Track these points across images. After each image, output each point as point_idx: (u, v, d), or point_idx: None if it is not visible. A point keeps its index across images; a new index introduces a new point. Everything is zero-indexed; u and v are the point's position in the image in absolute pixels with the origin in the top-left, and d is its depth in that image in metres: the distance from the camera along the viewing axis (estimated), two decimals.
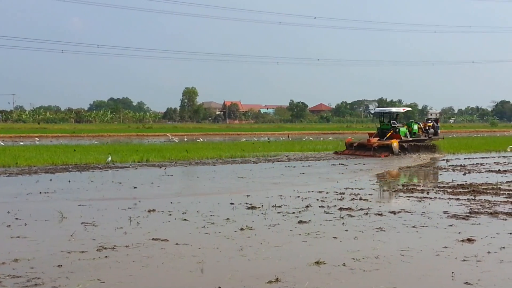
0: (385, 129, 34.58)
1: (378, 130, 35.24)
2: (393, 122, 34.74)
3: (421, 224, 11.20)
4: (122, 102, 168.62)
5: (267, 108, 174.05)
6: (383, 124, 35.16)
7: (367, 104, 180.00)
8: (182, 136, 63.35)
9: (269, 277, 7.60)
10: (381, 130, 34.81)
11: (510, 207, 13.04)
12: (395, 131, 33.88)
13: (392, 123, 34.65)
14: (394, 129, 34.04)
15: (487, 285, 7.30)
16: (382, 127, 35.05)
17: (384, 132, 34.20)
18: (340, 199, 14.54)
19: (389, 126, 34.46)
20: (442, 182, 18.27)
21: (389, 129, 34.12)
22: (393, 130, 33.97)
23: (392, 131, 33.90)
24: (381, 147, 32.26)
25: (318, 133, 78.86)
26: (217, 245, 9.50)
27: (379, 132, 34.70)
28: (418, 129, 35.17)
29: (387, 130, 34.21)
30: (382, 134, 34.19)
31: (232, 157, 29.54)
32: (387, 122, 35.07)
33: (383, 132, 34.42)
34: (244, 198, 14.91)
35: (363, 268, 8.07)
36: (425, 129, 35.47)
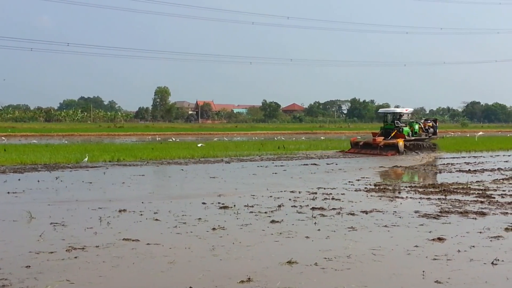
0: (389, 128, 35.77)
1: (382, 129, 36.47)
2: (396, 122, 35.94)
3: (393, 224, 11.28)
4: (93, 101, 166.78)
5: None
6: (387, 124, 36.45)
7: (339, 104, 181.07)
8: (154, 135, 62.94)
9: (241, 277, 7.56)
10: (385, 129, 36.04)
11: (480, 207, 13.22)
12: (398, 131, 35.03)
13: (395, 123, 35.85)
14: (397, 128, 35.24)
15: (457, 283, 7.37)
16: (386, 127, 36.28)
17: (388, 132, 35.36)
18: (313, 199, 14.57)
19: (392, 126, 35.69)
20: (413, 181, 18.44)
21: (393, 129, 35.35)
22: (397, 129, 35.15)
23: (396, 130, 35.09)
24: (387, 146, 33.41)
25: (291, 133, 79.07)
26: (189, 245, 9.43)
27: (383, 132, 35.89)
28: (419, 128, 36.50)
29: (391, 130, 35.39)
30: (386, 133, 35.36)
31: (205, 157, 29.42)
32: (391, 122, 36.37)
33: (387, 131, 35.59)
34: (216, 197, 14.85)
35: (335, 267, 8.08)
36: (425, 128, 36.89)
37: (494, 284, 7.34)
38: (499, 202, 13.92)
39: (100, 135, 66.59)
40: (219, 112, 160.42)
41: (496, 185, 17.41)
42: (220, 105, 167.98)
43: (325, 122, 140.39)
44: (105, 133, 70.57)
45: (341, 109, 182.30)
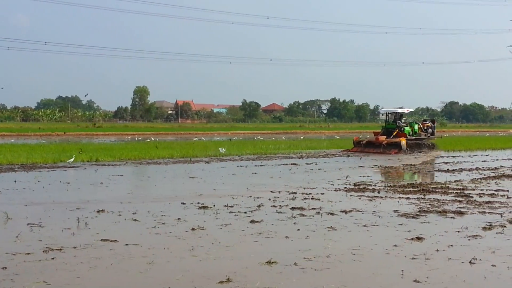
0: (390, 128, 37.01)
1: (384, 129, 37.70)
2: (397, 122, 37.29)
3: (372, 223, 11.32)
4: (71, 101, 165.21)
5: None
6: (389, 124, 37.74)
7: (319, 104, 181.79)
8: (133, 135, 62.56)
9: (220, 277, 7.53)
10: (386, 129, 37.29)
11: (458, 206, 13.33)
12: (400, 130, 36.37)
13: (397, 123, 37.19)
14: (399, 128, 36.58)
15: (436, 282, 7.41)
16: (387, 126, 37.58)
17: (390, 131, 36.60)
18: (292, 199, 14.57)
19: (394, 126, 36.99)
20: (393, 181, 18.54)
21: (395, 128, 36.64)
22: (398, 129, 36.48)
23: (398, 130, 36.38)
24: (390, 145, 34.70)
25: (270, 132, 79.13)
26: (168, 246, 9.37)
27: (385, 131, 37.10)
28: (418, 128, 38.01)
29: (392, 129, 36.64)
30: (388, 133, 36.59)
31: (184, 157, 29.29)
32: (392, 122, 37.66)
33: (388, 131, 36.83)
34: (195, 197, 14.78)
35: (315, 267, 8.08)
36: (424, 128, 38.49)
37: (472, 283, 7.39)
38: (477, 201, 14.05)
39: (79, 135, 65.94)
40: (198, 112, 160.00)
41: (474, 185, 17.58)
42: (200, 105, 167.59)
43: (305, 122, 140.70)
44: (84, 133, 69.89)
45: (321, 109, 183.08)
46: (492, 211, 12.65)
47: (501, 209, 12.85)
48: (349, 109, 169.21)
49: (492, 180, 19.13)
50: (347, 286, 7.28)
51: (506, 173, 21.81)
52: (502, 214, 12.20)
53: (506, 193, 15.51)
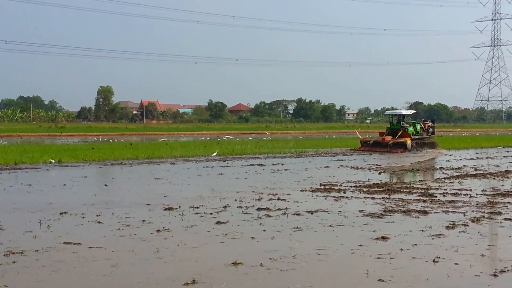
0: (395, 128, 38.94)
1: (388, 129, 39.53)
2: (401, 123, 39.21)
3: (338, 223, 11.37)
4: (32, 101, 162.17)
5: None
6: (393, 124, 39.72)
7: (285, 104, 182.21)
8: (97, 136, 61.74)
9: (186, 279, 7.46)
10: (391, 129, 39.12)
11: (422, 205, 13.49)
12: (404, 131, 38.30)
13: (401, 123, 39.13)
14: (403, 129, 38.53)
15: (400, 281, 7.47)
16: (392, 127, 39.49)
17: (395, 131, 38.41)
18: (258, 199, 14.55)
19: (398, 126, 38.93)
20: (358, 181, 18.68)
21: (399, 129, 38.54)
22: (403, 129, 38.40)
23: (402, 130, 38.29)
24: (396, 144, 36.55)
25: (237, 133, 79.02)
26: (132, 248, 9.25)
27: (390, 132, 38.91)
28: (420, 128, 40.07)
29: (397, 130, 38.49)
30: (393, 133, 38.37)
31: (149, 158, 29.00)
32: (396, 123, 39.60)
33: (393, 131, 38.64)
34: (161, 199, 14.64)
35: (280, 267, 8.07)
36: (425, 128, 40.57)
37: (435, 282, 7.47)
38: (441, 200, 14.24)
39: (41, 136, 64.74)
40: (164, 112, 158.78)
41: (438, 184, 17.83)
42: (166, 105, 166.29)
43: (271, 122, 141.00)
44: (46, 134, 68.64)
45: (287, 109, 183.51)
46: (455, 210, 12.84)
47: (464, 208, 13.05)
48: (315, 109, 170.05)
49: (456, 179, 19.43)
50: (312, 286, 7.28)
51: (469, 172, 22.19)
52: (465, 213, 12.39)
53: (469, 193, 15.76)
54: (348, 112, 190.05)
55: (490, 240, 9.99)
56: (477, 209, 13.01)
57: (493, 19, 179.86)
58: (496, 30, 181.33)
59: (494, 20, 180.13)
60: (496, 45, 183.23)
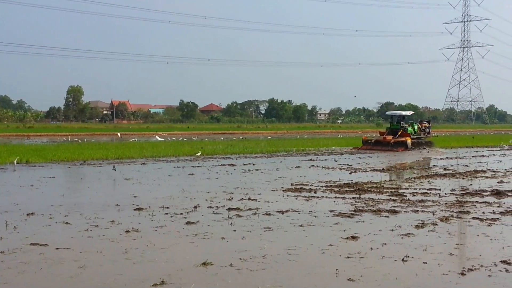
0: (395, 128, 40.86)
1: (388, 129, 41.52)
2: (401, 123, 41.22)
3: (308, 223, 11.38)
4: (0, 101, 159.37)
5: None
6: (393, 125, 41.62)
7: (257, 105, 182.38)
8: (66, 136, 60.93)
9: (155, 280, 7.38)
10: (391, 129, 41.05)
11: (392, 205, 13.58)
12: (404, 130, 40.29)
13: (400, 124, 41.11)
14: (403, 128, 40.50)
15: (369, 280, 7.49)
16: (392, 127, 41.41)
17: (395, 131, 40.33)
18: (229, 199, 14.50)
19: (398, 126, 40.89)
20: (329, 181, 18.73)
21: (399, 129, 40.46)
22: (402, 129, 40.36)
23: (402, 130, 40.24)
24: (397, 143, 38.63)
25: (208, 133, 78.82)
26: (101, 249, 9.12)
27: (390, 131, 40.85)
28: (418, 128, 42.17)
29: (397, 130, 40.42)
30: (393, 132, 40.31)
31: (119, 158, 28.70)
32: (396, 123, 41.53)
33: (393, 131, 40.57)
34: (130, 199, 14.50)
35: (250, 268, 8.03)
36: (422, 128, 42.83)
37: (404, 281, 7.51)
38: (410, 200, 14.36)
39: (8, 136, 63.57)
40: (135, 112, 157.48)
41: (408, 184, 17.99)
42: (136, 105, 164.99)
43: (243, 122, 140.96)
44: (14, 134, 67.46)
45: (259, 109, 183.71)
46: (424, 209, 12.96)
47: (433, 208, 13.18)
48: (287, 109, 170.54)
49: (425, 179, 19.64)
50: (282, 286, 7.26)
51: (438, 172, 22.46)
52: (434, 213, 12.51)
53: (438, 192, 15.93)
54: (320, 112, 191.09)
55: (458, 239, 10.10)
56: (446, 208, 13.15)
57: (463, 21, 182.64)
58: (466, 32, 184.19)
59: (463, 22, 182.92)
60: (466, 47, 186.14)
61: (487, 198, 14.89)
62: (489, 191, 16.16)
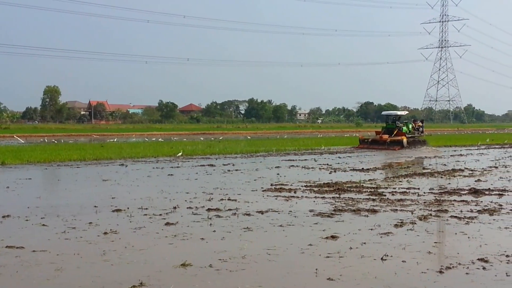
0: (390, 128, 42.52)
1: (384, 129, 43.18)
2: (396, 123, 42.77)
3: (288, 223, 11.36)
4: None
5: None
6: (389, 124, 43.27)
7: (237, 105, 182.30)
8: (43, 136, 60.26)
9: (133, 282, 7.30)
10: (387, 128, 42.79)
11: (371, 204, 13.63)
12: (399, 130, 41.83)
13: (396, 123, 42.68)
14: (398, 128, 42.05)
15: (349, 280, 7.50)
16: (388, 126, 43.12)
17: (391, 131, 42.03)
18: (209, 200, 14.44)
19: (394, 126, 42.52)
20: (309, 181, 18.75)
21: (395, 128, 42.11)
22: (398, 129, 41.93)
23: (397, 129, 41.79)
24: (393, 142, 40.26)
25: (188, 133, 78.57)
26: (78, 251, 9.01)
27: (386, 131, 42.55)
28: (412, 128, 43.62)
29: (393, 129, 42.07)
30: (389, 132, 42.05)
31: (97, 159, 28.42)
32: (392, 123, 43.18)
33: (389, 130, 42.31)
34: (109, 200, 14.36)
35: (230, 268, 7.99)
36: (416, 127, 44.30)
37: (383, 279, 7.52)
38: (390, 199, 14.43)
39: None
40: (113, 113, 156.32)
41: (387, 183, 18.08)
42: (115, 105, 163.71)
43: (222, 123, 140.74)
44: None
45: (238, 109, 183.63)
46: (403, 208, 13.02)
47: (412, 207, 13.25)
48: (267, 109, 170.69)
49: (404, 178, 19.76)
50: (262, 286, 7.23)
51: (417, 171, 22.61)
52: (412, 212, 12.57)
53: (417, 191, 16.03)
54: (300, 112, 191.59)
55: (436, 238, 10.16)
56: (424, 207, 13.23)
57: (441, 21, 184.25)
58: (444, 32, 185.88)
59: (442, 22, 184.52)
60: (444, 47, 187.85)
61: (465, 196, 15.02)
62: (467, 189, 16.31)
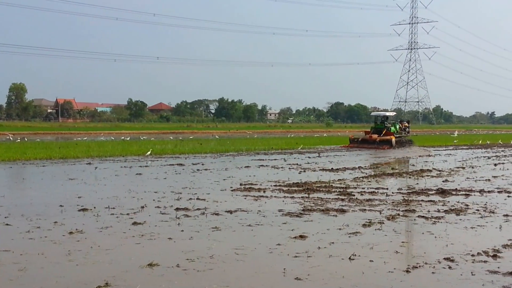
0: (379, 128, 44.52)
1: (373, 129, 45.20)
2: (385, 123, 44.80)
3: (257, 223, 11.32)
4: None
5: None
6: (378, 125, 45.24)
7: (207, 104, 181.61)
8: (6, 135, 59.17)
9: (98, 282, 7.18)
10: (376, 129, 44.78)
11: (340, 204, 13.67)
12: (387, 130, 43.78)
13: (384, 124, 44.71)
14: (386, 128, 44.01)
15: (316, 279, 7.49)
16: (376, 126, 45.08)
17: (379, 131, 44.05)
18: (177, 199, 14.32)
19: (382, 126, 44.51)
20: (278, 180, 18.74)
21: (383, 128, 44.06)
22: (386, 129, 43.88)
23: (386, 129, 43.77)
24: (382, 142, 42.27)
25: (157, 132, 78.02)
26: (43, 251, 8.84)
27: (375, 131, 44.55)
28: (399, 128, 45.44)
29: (381, 129, 44.06)
30: (378, 132, 44.06)
31: (64, 158, 27.98)
32: (380, 123, 45.14)
33: (378, 130, 44.34)
34: (75, 199, 14.14)
35: (197, 268, 7.91)
36: (403, 128, 46.22)
37: (350, 279, 7.53)
38: (358, 199, 14.50)
39: None
40: (81, 111, 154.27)
41: (356, 183, 18.17)
42: (83, 104, 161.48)
43: (192, 122, 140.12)
44: None
45: (209, 108, 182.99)
46: (372, 208, 13.10)
47: (380, 207, 13.34)
48: (237, 109, 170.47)
49: (373, 178, 19.89)
50: (229, 286, 7.18)
51: (386, 171, 22.80)
52: (381, 211, 12.65)
53: (385, 191, 16.15)
54: (270, 112, 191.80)
55: (404, 237, 10.23)
56: (392, 207, 13.33)
57: (411, 23, 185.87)
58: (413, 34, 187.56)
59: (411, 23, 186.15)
60: (413, 48, 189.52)
61: (432, 196, 15.18)
62: (434, 190, 16.49)
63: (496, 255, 8.74)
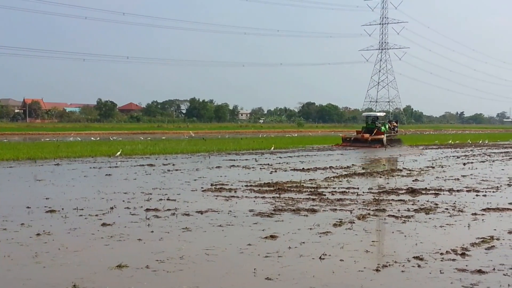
0: (370, 127, 46.86)
1: (364, 128, 47.48)
2: (376, 123, 47.26)
3: (227, 223, 11.28)
4: None
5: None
6: (368, 124, 47.71)
7: (178, 104, 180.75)
8: None
9: (66, 284, 7.07)
10: (367, 128, 47.10)
11: (311, 204, 13.70)
12: (378, 129, 46.12)
13: (375, 123, 47.13)
14: (377, 128, 46.35)
15: (287, 279, 7.47)
16: (368, 126, 47.45)
17: (371, 130, 46.31)
18: (147, 200, 14.19)
19: (373, 126, 46.94)
20: (249, 181, 18.72)
21: (374, 128, 46.42)
22: (377, 128, 46.22)
23: (377, 129, 46.08)
24: (374, 140, 44.57)
25: (128, 133, 77.33)
26: (9, 253, 8.66)
27: (366, 130, 46.81)
28: (388, 127, 47.90)
29: (372, 129, 46.40)
30: (369, 131, 46.31)
31: (31, 158, 27.51)
32: (371, 123, 47.65)
33: (369, 130, 46.63)
34: (42, 201, 13.90)
35: (167, 269, 7.84)
36: (392, 127, 48.90)
37: (321, 278, 7.54)
38: (329, 199, 14.55)
39: None
40: (49, 111, 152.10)
41: (327, 183, 18.23)
42: (51, 104, 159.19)
43: (163, 122, 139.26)
44: None
45: (180, 108, 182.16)
46: (343, 208, 13.15)
47: (351, 206, 13.40)
48: (209, 109, 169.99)
49: (344, 178, 19.98)
50: (199, 287, 7.12)
51: (357, 171, 22.93)
52: (351, 211, 12.71)
53: (356, 191, 16.24)
54: (242, 112, 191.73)
55: (374, 237, 10.29)
56: (363, 206, 13.40)
57: (381, 23, 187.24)
58: (384, 34, 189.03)
59: (382, 24, 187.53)
60: (384, 48, 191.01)
61: (403, 196, 15.32)
62: (404, 189, 16.65)
63: (465, 254, 8.85)
